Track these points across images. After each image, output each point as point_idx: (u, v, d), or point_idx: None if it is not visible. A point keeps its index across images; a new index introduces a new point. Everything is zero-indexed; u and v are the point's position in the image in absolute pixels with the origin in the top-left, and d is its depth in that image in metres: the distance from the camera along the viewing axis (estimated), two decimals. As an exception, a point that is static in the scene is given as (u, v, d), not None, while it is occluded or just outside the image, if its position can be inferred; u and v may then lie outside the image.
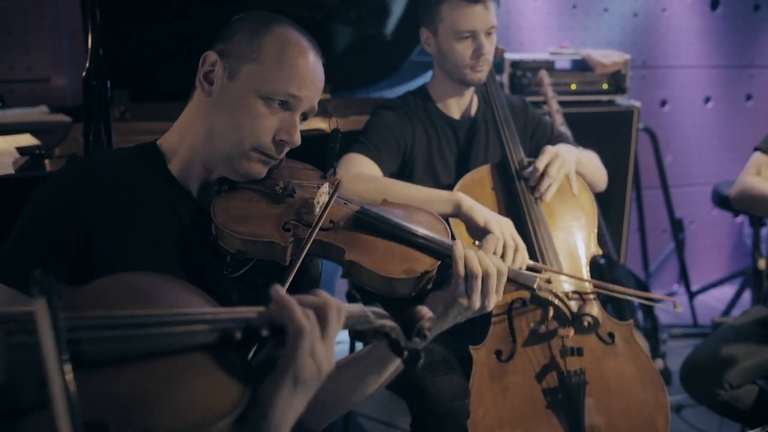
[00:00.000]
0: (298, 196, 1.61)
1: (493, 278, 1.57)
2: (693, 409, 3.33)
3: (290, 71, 1.54)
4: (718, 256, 5.22)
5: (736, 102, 4.99)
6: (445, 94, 2.60)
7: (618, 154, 3.73)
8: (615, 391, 2.21)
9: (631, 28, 4.57)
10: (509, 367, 2.20)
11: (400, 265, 1.57)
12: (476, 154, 2.59)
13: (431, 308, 1.53)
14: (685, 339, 4.21)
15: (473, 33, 2.43)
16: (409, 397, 2.25)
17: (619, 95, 3.73)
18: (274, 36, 1.55)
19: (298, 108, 1.56)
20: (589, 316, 1.82)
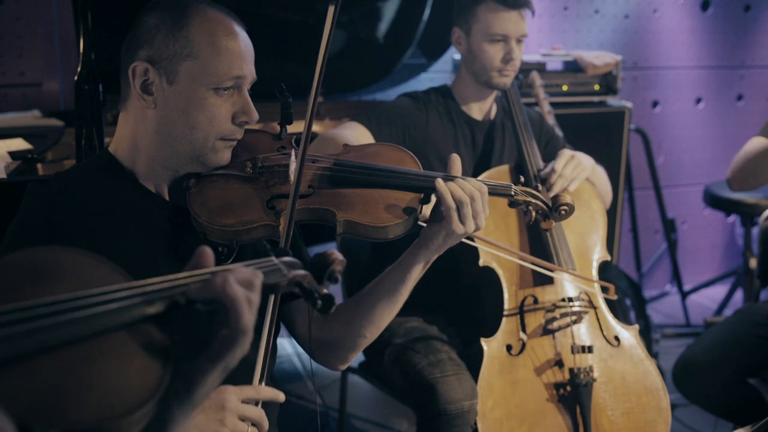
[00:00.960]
0: (269, 171, 1.62)
1: (478, 200, 1.65)
2: (686, 408, 3.34)
3: (228, 55, 1.53)
4: (711, 255, 5.24)
5: (728, 102, 5.01)
6: (467, 96, 2.63)
7: (610, 155, 3.74)
8: (620, 392, 2.25)
9: (623, 30, 4.59)
10: (519, 362, 2.24)
11: (390, 210, 1.64)
12: (493, 155, 2.64)
13: (431, 240, 1.68)
14: (677, 339, 4.22)
15: (505, 37, 2.47)
16: (417, 398, 2.26)
17: (611, 96, 3.74)
18: (198, 24, 1.52)
19: (245, 85, 1.57)
20: (564, 205, 1.86)
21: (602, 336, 2.31)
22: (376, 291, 1.75)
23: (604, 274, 3.37)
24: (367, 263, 2.77)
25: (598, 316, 2.35)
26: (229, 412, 1.41)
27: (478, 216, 1.65)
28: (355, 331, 1.78)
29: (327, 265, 1.22)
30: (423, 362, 2.28)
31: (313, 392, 3.58)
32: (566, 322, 2.27)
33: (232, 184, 1.61)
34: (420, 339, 2.38)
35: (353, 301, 1.80)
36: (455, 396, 2.17)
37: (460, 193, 1.63)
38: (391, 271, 1.74)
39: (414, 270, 1.71)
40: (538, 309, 2.31)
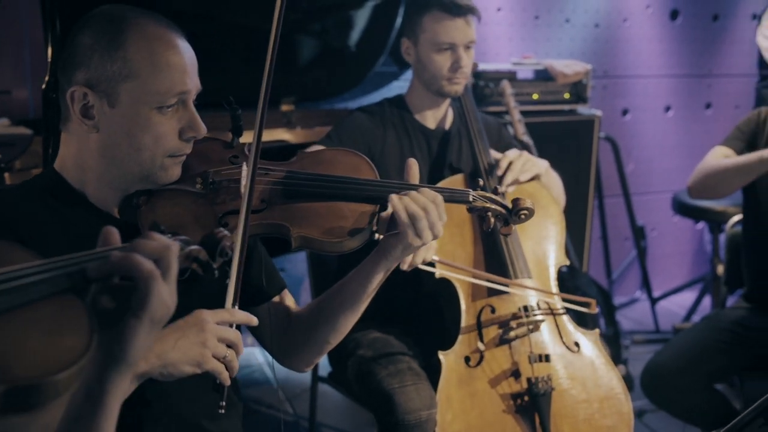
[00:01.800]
0: (219, 185, 1.59)
1: (433, 211, 1.63)
2: (655, 414, 3.36)
3: (170, 71, 1.47)
4: (680, 262, 5.29)
5: (696, 110, 5.08)
6: (421, 105, 2.63)
7: (580, 163, 3.77)
8: (580, 398, 2.24)
9: (593, 39, 4.64)
10: (477, 373, 2.23)
11: (346, 223, 1.61)
12: (448, 164, 2.64)
13: (389, 252, 1.67)
14: (647, 345, 4.26)
15: (453, 46, 2.48)
16: (377, 408, 2.26)
17: (581, 105, 3.78)
18: (135, 42, 1.46)
19: (189, 98, 1.53)
20: (524, 209, 1.84)
21: (562, 343, 2.31)
22: (337, 299, 1.75)
23: (573, 281, 3.41)
24: (335, 268, 2.77)
25: (558, 323, 2.34)
26: (209, 333, 1.41)
27: (434, 226, 1.64)
28: (318, 336, 1.77)
29: (218, 241, 1.30)
30: (383, 373, 2.28)
31: (284, 401, 3.57)
32: (523, 331, 2.25)
33: (182, 200, 1.57)
34: (381, 349, 2.38)
35: (315, 306, 1.79)
36: (413, 406, 2.17)
37: (415, 207, 1.61)
38: (352, 280, 1.73)
39: (374, 279, 1.70)
40: (495, 319, 2.30)
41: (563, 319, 2.36)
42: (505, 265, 2.35)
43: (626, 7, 4.69)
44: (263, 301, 1.79)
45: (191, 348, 1.39)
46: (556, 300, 2.39)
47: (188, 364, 1.39)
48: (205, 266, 1.29)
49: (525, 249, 2.41)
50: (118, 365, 1.10)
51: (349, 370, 2.41)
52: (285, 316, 1.84)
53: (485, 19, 4.29)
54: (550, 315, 2.35)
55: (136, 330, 1.09)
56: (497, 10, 4.34)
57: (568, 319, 2.36)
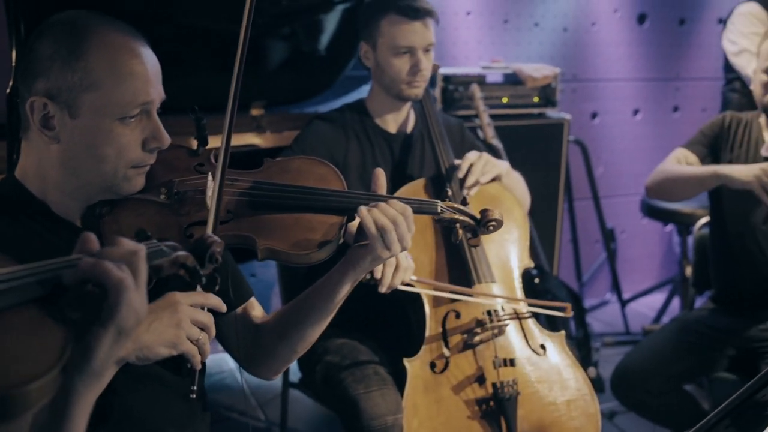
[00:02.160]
0: (184, 196, 1.57)
1: (402, 224, 1.62)
2: (626, 415, 3.39)
3: (132, 82, 1.44)
4: (650, 264, 5.34)
5: (664, 114, 5.13)
6: (381, 109, 2.62)
7: (549, 166, 3.79)
8: (546, 401, 2.24)
9: (562, 43, 4.67)
10: (443, 379, 2.22)
11: (313, 235, 1.59)
12: (411, 168, 2.62)
13: (358, 263, 1.66)
14: (617, 347, 4.28)
15: (411, 49, 2.46)
16: (343, 414, 2.25)
17: (550, 108, 3.80)
18: (96, 51, 1.42)
19: (153, 108, 1.50)
20: (492, 220, 1.84)
21: (527, 346, 2.30)
22: (304, 309, 1.74)
23: (543, 284, 3.42)
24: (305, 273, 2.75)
25: (523, 327, 2.34)
26: (183, 315, 1.40)
27: (403, 239, 1.63)
28: (284, 346, 1.76)
29: (207, 247, 1.28)
30: (349, 378, 2.27)
31: (255, 407, 3.55)
32: (488, 336, 2.25)
33: (147, 210, 1.54)
34: (348, 355, 2.36)
35: (282, 316, 1.78)
36: (378, 411, 2.16)
37: (384, 220, 1.60)
38: (319, 291, 1.72)
39: (341, 290, 1.69)
40: (460, 324, 2.29)
41: (529, 323, 2.36)
42: (469, 269, 2.34)
43: (594, 11, 4.72)
44: (230, 309, 1.76)
45: (166, 330, 1.39)
46: (522, 303, 2.39)
47: (163, 345, 1.38)
48: (192, 273, 1.27)
49: (488, 252, 2.40)
50: (82, 376, 1.09)
51: (317, 376, 2.40)
52: (252, 324, 1.82)
53: (454, 23, 4.31)
54: (515, 319, 2.34)
55: (101, 340, 1.08)
56: (467, 14, 4.35)
57: (533, 323, 2.36)
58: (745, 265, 2.79)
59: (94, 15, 1.48)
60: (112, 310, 1.06)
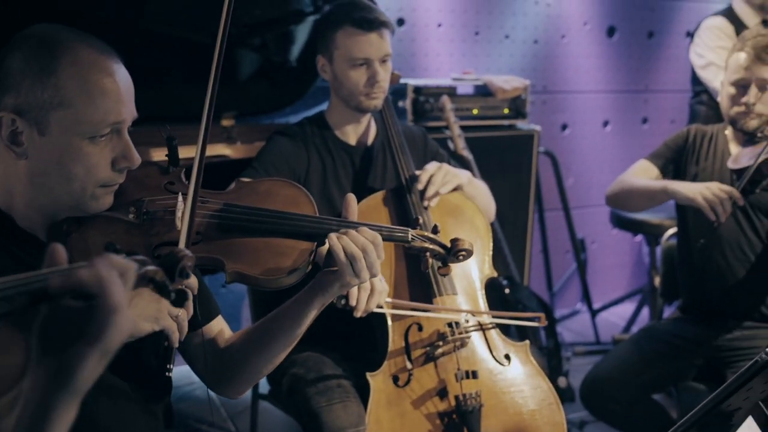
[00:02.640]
0: (154, 216, 1.56)
1: (372, 252, 1.62)
2: (596, 425, 3.40)
3: (103, 100, 1.42)
4: (620, 274, 5.38)
5: (633, 125, 5.18)
6: (341, 121, 2.60)
7: (520, 177, 3.82)
8: (511, 411, 2.23)
9: (532, 55, 4.70)
10: (406, 393, 2.20)
11: (282, 260, 1.58)
12: (373, 180, 2.61)
13: (326, 289, 1.65)
14: (588, 356, 4.31)
15: (367, 61, 2.45)
16: (306, 426, 2.24)
17: (520, 120, 3.82)
18: (68, 69, 1.40)
19: (124, 127, 1.48)
20: (463, 250, 1.84)
21: (492, 357, 2.28)
22: (270, 331, 1.72)
23: (514, 295, 3.44)
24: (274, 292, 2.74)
25: (487, 337, 2.32)
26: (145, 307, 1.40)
27: (372, 267, 1.63)
28: (249, 366, 1.75)
29: (177, 261, 1.25)
30: (312, 391, 2.25)
31: (226, 419, 3.53)
32: (450, 348, 2.23)
33: (115, 228, 1.53)
34: (313, 368, 2.34)
35: (248, 337, 1.76)
36: (339, 424, 2.14)
37: (353, 248, 1.60)
38: (285, 314, 1.71)
39: (309, 315, 1.68)
40: (423, 337, 2.27)
41: (492, 334, 2.33)
42: (430, 282, 2.31)
43: (564, 24, 4.77)
44: (196, 327, 1.74)
45: (147, 305, 1.38)
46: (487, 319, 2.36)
47: (146, 320, 1.38)
48: (161, 288, 1.23)
49: None
50: (64, 394, 1.05)
51: (283, 388, 2.38)
52: (218, 343, 1.80)
53: (426, 35, 4.33)
54: (479, 330, 2.32)
55: (87, 359, 1.04)
56: (438, 26, 4.37)
57: (497, 333, 2.34)
58: (711, 276, 2.83)
59: (68, 30, 1.45)
60: (101, 330, 1.02)
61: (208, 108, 1.58)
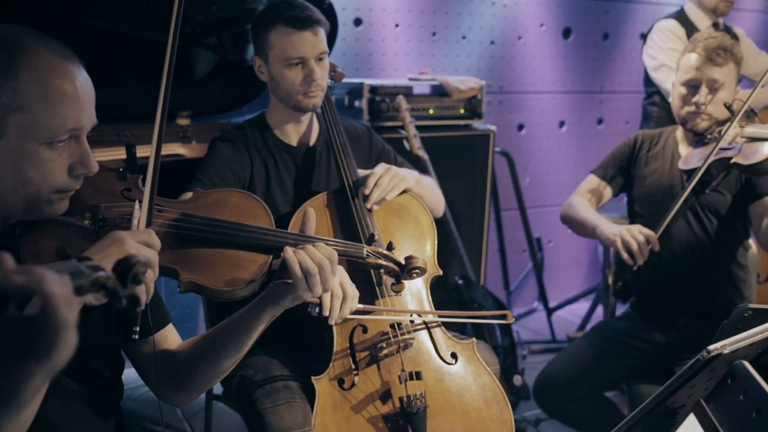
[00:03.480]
0: (109, 222, 1.54)
1: (327, 268, 1.63)
2: (551, 422, 3.43)
3: (63, 107, 1.40)
4: (576, 273, 5.44)
5: (589, 126, 5.25)
6: (282, 122, 2.58)
7: (476, 177, 3.84)
8: (458, 410, 2.22)
9: (489, 55, 4.74)
10: (352, 396, 2.18)
11: (237, 271, 1.59)
12: (317, 180, 2.59)
13: (278, 301, 1.65)
14: (544, 354, 4.36)
15: (303, 59, 2.43)
16: (251, 428, 2.22)
17: (476, 120, 3.84)
18: (28, 73, 1.37)
19: (83, 134, 1.46)
20: (416, 268, 1.88)
21: (437, 356, 2.27)
22: (219, 342, 1.71)
23: (469, 294, 3.46)
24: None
25: (432, 337, 2.31)
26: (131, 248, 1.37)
27: (327, 282, 1.64)
28: (198, 376, 1.74)
29: (130, 267, 1.22)
30: (258, 392, 2.23)
31: (182, 420, 3.51)
32: (394, 349, 2.22)
33: (69, 235, 1.51)
34: (262, 369, 2.32)
35: (197, 346, 1.75)
36: (284, 425, 2.13)
37: (309, 263, 1.60)
38: (237, 322, 1.70)
39: (259, 325, 1.68)
40: (367, 339, 2.25)
41: (438, 333, 2.32)
42: (373, 284, 2.28)
43: (521, 25, 4.81)
44: (146, 335, 1.71)
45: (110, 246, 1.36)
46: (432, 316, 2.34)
47: None
48: (111, 293, 1.19)
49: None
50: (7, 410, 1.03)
51: (233, 390, 2.37)
52: (168, 351, 1.79)
53: (383, 35, 4.34)
54: (424, 329, 2.31)
55: (33, 376, 1.00)
56: (395, 26, 4.39)
57: (442, 332, 2.33)
58: (661, 274, 2.87)
59: (30, 33, 1.43)
60: (49, 347, 0.97)
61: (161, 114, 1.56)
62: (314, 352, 2.34)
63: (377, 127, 3.51)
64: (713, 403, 1.57)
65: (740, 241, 2.85)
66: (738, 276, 2.86)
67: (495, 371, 2.36)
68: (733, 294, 2.84)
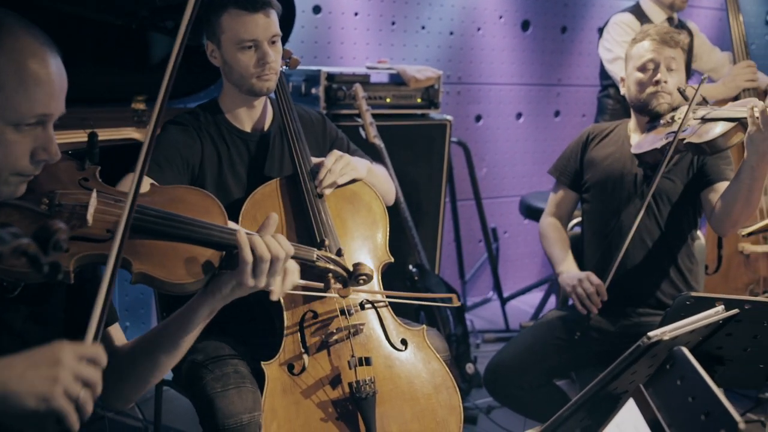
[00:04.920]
0: (66, 209, 1.53)
1: (280, 262, 1.62)
2: (503, 410, 3.46)
3: (35, 91, 1.41)
4: (530, 263, 5.50)
5: (545, 118, 5.30)
6: (235, 106, 2.56)
7: (432, 166, 3.86)
8: (407, 396, 2.25)
9: (448, 46, 4.76)
10: (301, 381, 2.19)
11: (189, 266, 1.59)
12: (270, 166, 2.58)
13: (219, 289, 1.62)
14: (497, 343, 4.39)
15: (255, 42, 2.41)
16: (201, 413, 2.21)
17: (433, 109, 3.86)
18: (6, 53, 1.39)
19: (50, 121, 1.47)
20: (363, 275, 1.92)
21: (387, 343, 2.30)
22: (158, 339, 1.69)
23: (423, 282, 3.49)
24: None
25: (383, 322, 2.33)
26: (65, 370, 1.29)
27: (274, 275, 1.63)
28: (137, 375, 1.70)
29: (51, 234, 1.21)
30: (208, 377, 2.22)
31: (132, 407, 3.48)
32: (344, 335, 2.24)
33: (23, 218, 1.49)
34: (211, 354, 2.31)
35: (137, 345, 1.72)
36: (234, 410, 2.12)
37: (263, 249, 1.59)
38: (174, 321, 1.67)
39: (198, 319, 1.65)
40: (317, 324, 2.27)
41: (388, 318, 2.35)
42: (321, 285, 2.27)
43: (480, 16, 4.84)
44: None
45: (40, 382, 1.28)
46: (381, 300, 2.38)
47: (33, 397, 1.27)
48: (33, 261, 1.18)
49: (350, 250, 2.38)
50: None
51: (182, 375, 2.36)
52: (110, 351, 1.75)
53: (342, 23, 4.33)
54: (374, 315, 2.34)
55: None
56: (354, 15, 4.39)
57: (393, 318, 2.36)
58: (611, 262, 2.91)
59: (14, 17, 1.43)
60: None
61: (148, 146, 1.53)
62: (265, 337, 2.34)
63: (334, 115, 3.51)
64: (652, 389, 1.61)
65: (689, 230, 2.89)
66: (686, 266, 2.90)
67: (445, 358, 2.39)
68: (681, 284, 2.88)
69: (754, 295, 3.71)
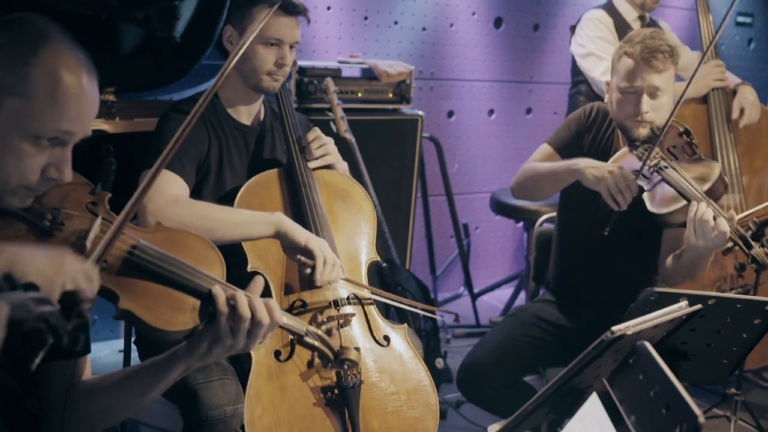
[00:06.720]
0: (66, 230, 1.52)
1: (264, 327, 1.58)
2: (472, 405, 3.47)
3: (64, 108, 1.39)
4: (502, 259, 5.52)
5: (517, 115, 5.32)
6: (235, 100, 2.57)
7: (404, 162, 3.86)
8: (388, 390, 2.29)
9: (420, 41, 4.76)
10: (287, 367, 2.22)
11: (176, 314, 1.55)
12: (265, 160, 2.61)
13: (195, 346, 1.58)
14: (468, 339, 4.42)
15: (280, 42, 2.45)
16: (182, 404, 2.22)
17: (405, 104, 3.86)
18: (44, 66, 1.37)
19: (70, 141, 1.44)
20: (348, 360, 1.96)
21: (371, 337, 2.35)
22: (129, 385, 1.66)
23: (393, 277, 3.49)
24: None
25: (368, 318, 2.38)
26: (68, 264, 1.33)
27: (255, 338, 1.58)
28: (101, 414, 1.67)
29: (77, 303, 1.20)
30: None
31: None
32: (333, 325, 2.26)
33: (23, 231, 1.48)
34: None
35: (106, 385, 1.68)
36: (217, 401, 2.14)
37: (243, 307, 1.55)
38: (148, 368, 1.65)
39: (171, 375, 1.62)
40: (306, 313, 2.31)
41: (373, 314, 2.40)
42: None
43: (453, 12, 4.85)
44: (64, 357, 1.62)
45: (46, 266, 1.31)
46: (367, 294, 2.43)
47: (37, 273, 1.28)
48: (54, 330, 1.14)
49: (338, 245, 2.43)
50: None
51: None
52: (79, 381, 1.71)
53: (315, 17, 4.31)
54: (360, 310, 2.38)
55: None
56: (327, 9, 4.37)
57: (377, 314, 2.41)
58: (577, 259, 2.92)
59: (60, 32, 1.42)
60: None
61: None
62: None
63: (305, 109, 3.51)
64: (614, 382, 1.63)
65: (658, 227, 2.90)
66: (654, 263, 2.92)
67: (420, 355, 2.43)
68: (648, 281, 2.89)
69: (721, 291, 3.75)
